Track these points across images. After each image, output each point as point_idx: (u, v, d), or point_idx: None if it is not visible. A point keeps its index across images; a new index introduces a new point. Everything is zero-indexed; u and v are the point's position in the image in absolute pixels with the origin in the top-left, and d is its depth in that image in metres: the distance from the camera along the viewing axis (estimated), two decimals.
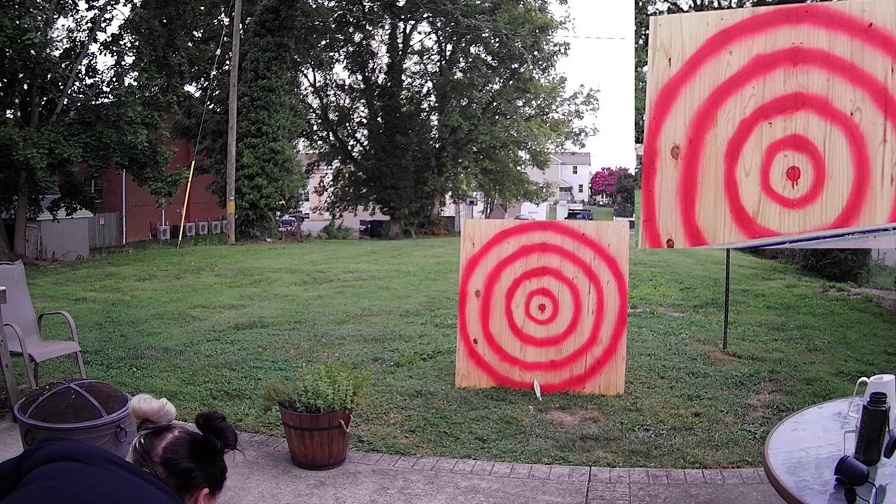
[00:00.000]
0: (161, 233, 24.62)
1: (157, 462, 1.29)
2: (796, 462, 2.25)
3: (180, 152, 22.66)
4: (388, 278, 11.51)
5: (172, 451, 1.31)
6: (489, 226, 5.43)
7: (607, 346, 5.06)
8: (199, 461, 1.33)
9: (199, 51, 25.69)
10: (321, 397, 3.74)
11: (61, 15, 16.81)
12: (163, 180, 16.88)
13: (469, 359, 5.22)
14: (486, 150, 31.51)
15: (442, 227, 32.67)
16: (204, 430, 1.36)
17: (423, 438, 4.25)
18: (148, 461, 1.29)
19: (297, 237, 24.81)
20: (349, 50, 30.05)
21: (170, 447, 1.31)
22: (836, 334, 6.85)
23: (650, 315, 7.89)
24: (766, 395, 4.95)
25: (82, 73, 16.67)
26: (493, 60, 30.00)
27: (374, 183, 29.47)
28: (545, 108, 33.27)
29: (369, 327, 7.33)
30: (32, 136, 13.96)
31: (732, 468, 3.76)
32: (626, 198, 58.06)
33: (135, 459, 1.30)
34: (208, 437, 1.36)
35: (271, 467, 3.83)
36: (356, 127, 32.23)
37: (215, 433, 1.36)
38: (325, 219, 34.43)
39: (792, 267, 13.99)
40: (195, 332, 7.18)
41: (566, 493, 3.52)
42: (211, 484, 1.35)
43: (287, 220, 31.72)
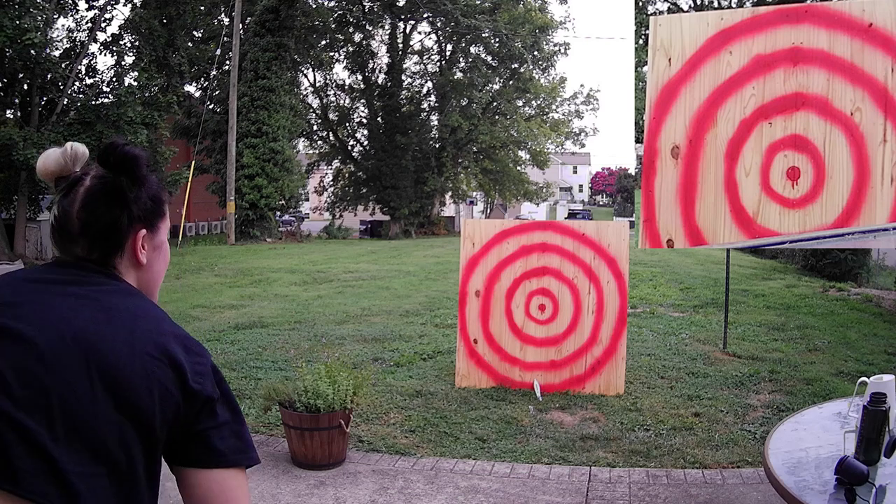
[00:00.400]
0: None
1: (77, 233, 1.09)
2: (796, 462, 2.25)
3: (180, 152, 22.66)
4: (388, 278, 11.51)
5: (87, 211, 1.08)
6: (489, 226, 5.43)
7: (607, 346, 5.06)
8: (117, 206, 1.09)
9: (199, 51, 25.69)
10: (321, 397, 3.74)
11: (61, 15, 16.82)
12: (163, 180, 16.87)
13: (469, 359, 5.22)
14: (486, 150, 31.50)
15: (442, 227, 32.66)
16: (108, 168, 1.11)
17: (423, 438, 4.25)
18: (69, 232, 1.09)
19: (297, 237, 24.81)
20: (349, 50, 30.04)
21: (82, 207, 1.08)
22: (836, 334, 6.85)
23: (650, 315, 7.89)
24: (766, 395, 4.95)
25: (82, 73, 16.69)
26: (493, 60, 29.99)
27: (374, 183, 29.47)
28: (545, 108, 33.26)
29: (369, 327, 7.33)
30: (32, 136, 13.97)
31: (732, 468, 3.76)
32: (626, 198, 58.06)
33: (57, 232, 1.10)
34: (116, 175, 1.10)
35: (271, 467, 3.83)
36: (356, 127, 32.23)
37: (119, 166, 1.10)
38: (325, 219, 34.41)
39: (792, 267, 13.99)
40: (195, 332, 7.18)
41: (566, 493, 3.52)
42: (145, 220, 1.12)
43: (287, 220, 31.69)
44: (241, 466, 1.08)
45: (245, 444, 1.09)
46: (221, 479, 1.06)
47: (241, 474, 1.08)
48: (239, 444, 1.08)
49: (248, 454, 1.09)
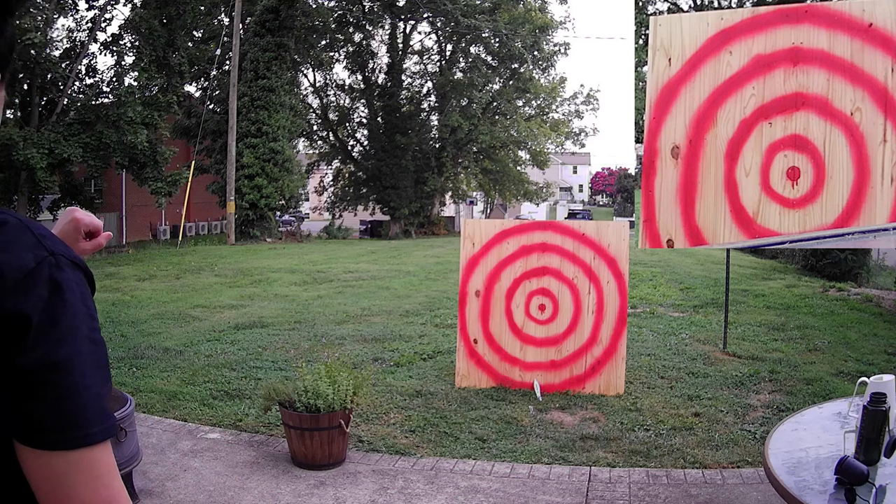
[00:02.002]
0: (161, 233, 24.62)
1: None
2: (796, 462, 2.25)
3: (180, 152, 22.68)
4: (388, 278, 11.50)
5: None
6: (489, 226, 5.43)
7: (607, 346, 5.06)
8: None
9: (199, 51, 25.68)
10: (321, 397, 3.74)
11: (61, 15, 16.84)
12: (163, 180, 16.90)
13: (469, 359, 5.22)
14: (486, 150, 31.50)
15: (442, 227, 32.66)
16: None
17: (423, 438, 4.25)
18: None
19: (297, 237, 24.81)
20: (349, 50, 30.04)
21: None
22: (836, 334, 6.85)
23: (650, 315, 7.89)
24: (766, 395, 4.95)
25: (82, 73, 16.70)
26: (493, 60, 29.99)
27: (374, 183, 29.47)
28: (545, 108, 33.25)
29: (369, 327, 7.33)
30: (32, 136, 13.97)
31: (732, 468, 3.76)
32: (626, 198, 58.04)
33: None
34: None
35: (271, 467, 3.83)
36: (356, 127, 32.23)
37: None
38: (325, 219, 34.41)
39: (792, 267, 13.99)
40: (195, 332, 7.18)
41: (566, 493, 3.52)
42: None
43: (287, 220, 31.70)
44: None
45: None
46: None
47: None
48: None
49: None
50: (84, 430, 0.73)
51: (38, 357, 0.70)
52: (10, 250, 0.72)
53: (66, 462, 0.72)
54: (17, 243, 0.73)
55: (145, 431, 4.25)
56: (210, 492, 3.52)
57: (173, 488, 3.55)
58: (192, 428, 4.43)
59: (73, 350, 0.73)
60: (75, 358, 0.73)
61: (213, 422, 4.53)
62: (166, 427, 4.44)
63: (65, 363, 0.72)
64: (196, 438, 4.26)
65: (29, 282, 0.71)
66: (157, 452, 4.00)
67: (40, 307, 0.71)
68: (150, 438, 4.20)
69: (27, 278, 0.71)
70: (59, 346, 0.72)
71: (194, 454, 4.00)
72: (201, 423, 4.51)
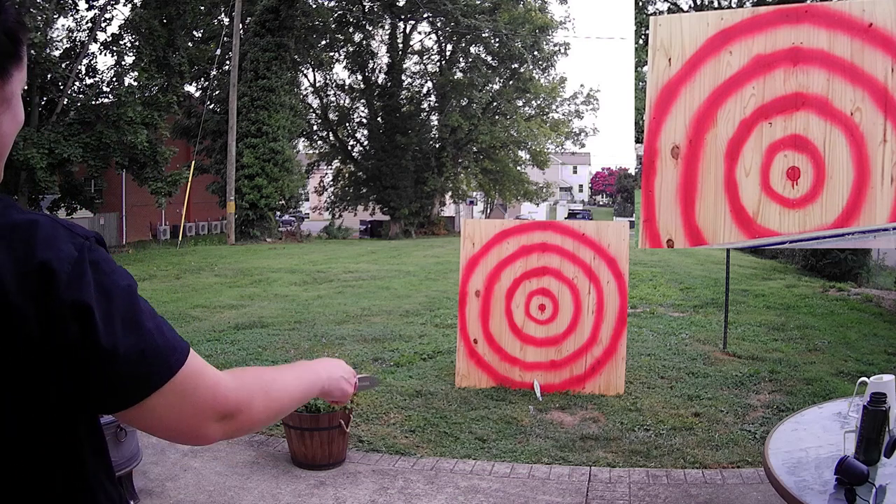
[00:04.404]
0: (161, 233, 24.63)
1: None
2: (796, 462, 2.25)
3: (180, 152, 22.68)
4: (388, 278, 11.51)
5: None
6: (489, 226, 5.43)
7: (607, 346, 5.06)
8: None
9: (199, 51, 25.70)
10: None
11: (61, 15, 16.84)
12: (163, 180, 16.90)
13: (469, 359, 5.22)
14: (486, 150, 31.51)
15: (442, 227, 32.67)
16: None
17: (423, 438, 4.25)
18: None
19: (297, 237, 24.83)
20: (349, 50, 30.05)
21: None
22: (836, 334, 6.85)
23: (650, 315, 7.89)
24: (766, 395, 4.95)
25: (82, 73, 16.70)
26: (493, 60, 30.00)
27: (374, 183, 29.48)
28: (545, 108, 33.27)
29: (369, 327, 7.33)
30: (32, 136, 13.98)
31: (732, 468, 3.76)
32: (626, 198, 58.04)
33: None
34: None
35: (271, 467, 3.83)
36: (356, 127, 32.24)
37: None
38: (325, 219, 34.42)
39: (792, 267, 13.99)
40: (195, 332, 7.18)
41: (566, 493, 3.52)
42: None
43: (287, 220, 31.72)
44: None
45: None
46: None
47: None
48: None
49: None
50: (168, 364, 0.84)
51: (112, 331, 0.79)
52: (55, 245, 0.78)
53: (169, 394, 0.84)
54: (57, 238, 0.79)
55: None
56: (210, 492, 3.52)
57: (173, 488, 3.55)
58: None
59: (130, 312, 0.82)
60: (136, 316, 0.83)
61: None
62: None
63: (133, 325, 0.82)
64: None
65: (78, 270, 0.78)
66: (157, 452, 4.00)
67: (94, 291, 0.79)
68: (150, 438, 4.20)
69: (76, 268, 0.78)
70: (121, 315, 0.81)
71: (194, 454, 4.00)
72: None
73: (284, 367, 1.11)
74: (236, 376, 0.95)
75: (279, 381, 1.03)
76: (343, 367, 1.29)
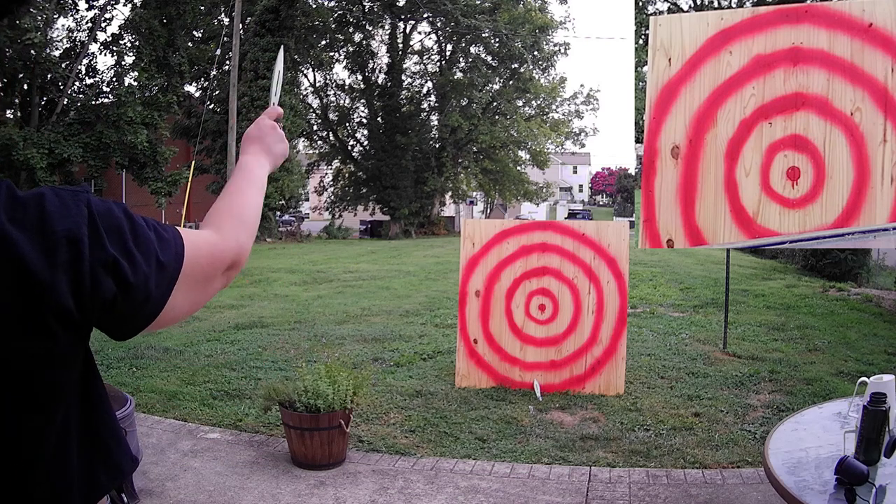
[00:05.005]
0: None
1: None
2: (796, 462, 2.24)
3: (180, 152, 22.67)
4: (388, 278, 11.51)
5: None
6: (489, 226, 5.43)
7: (607, 346, 5.06)
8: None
9: (199, 51, 25.67)
10: (321, 397, 3.74)
11: (61, 15, 16.84)
12: (163, 180, 16.90)
13: (469, 359, 5.22)
14: (486, 150, 31.51)
15: (442, 227, 32.67)
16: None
17: (423, 438, 4.25)
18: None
19: (297, 237, 24.82)
20: (349, 50, 30.05)
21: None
22: (836, 334, 6.85)
23: (650, 315, 7.89)
24: (766, 395, 4.95)
25: (82, 73, 16.70)
26: (493, 60, 30.01)
27: (374, 183, 29.48)
28: (545, 108, 33.27)
29: (369, 327, 7.33)
30: (32, 136, 13.98)
31: (732, 468, 3.76)
32: (626, 198, 58.03)
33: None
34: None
35: (271, 467, 3.83)
36: (356, 127, 32.24)
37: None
38: (325, 219, 34.42)
39: (792, 267, 13.99)
40: (195, 332, 7.18)
41: (566, 493, 3.52)
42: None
43: (287, 219, 31.71)
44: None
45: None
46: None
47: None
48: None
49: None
50: (178, 263, 0.90)
51: (137, 269, 0.83)
52: (68, 213, 0.81)
53: (182, 285, 0.91)
54: (66, 206, 0.82)
55: (145, 431, 4.25)
56: (210, 492, 3.52)
57: (173, 488, 3.55)
58: (192, 428, 4.43)
59: (139, 238, 0.86)
60: (144, 240, 0.86)
61: (213, 422, 4.53)
62: (166, 427, 4.44)
63: (145, 248, 0.86)
64: (196, 438, 4.26)
65: (94, 228, 0.81)
66: (157, 452, 4.00)
67: (112, 242, 0.82)
68: (150, 438, 4.20)
69: (91, 227, 0.81)
70: (136, 247, 0.85)
71: (194, 454, 4.00)
72: (201, 423, 4.51)
73: (243, 184, 1.13)
74: (217, 227, 1.02)
75: (247, 205, 1.09)
76: (266, 130, 1.33)
